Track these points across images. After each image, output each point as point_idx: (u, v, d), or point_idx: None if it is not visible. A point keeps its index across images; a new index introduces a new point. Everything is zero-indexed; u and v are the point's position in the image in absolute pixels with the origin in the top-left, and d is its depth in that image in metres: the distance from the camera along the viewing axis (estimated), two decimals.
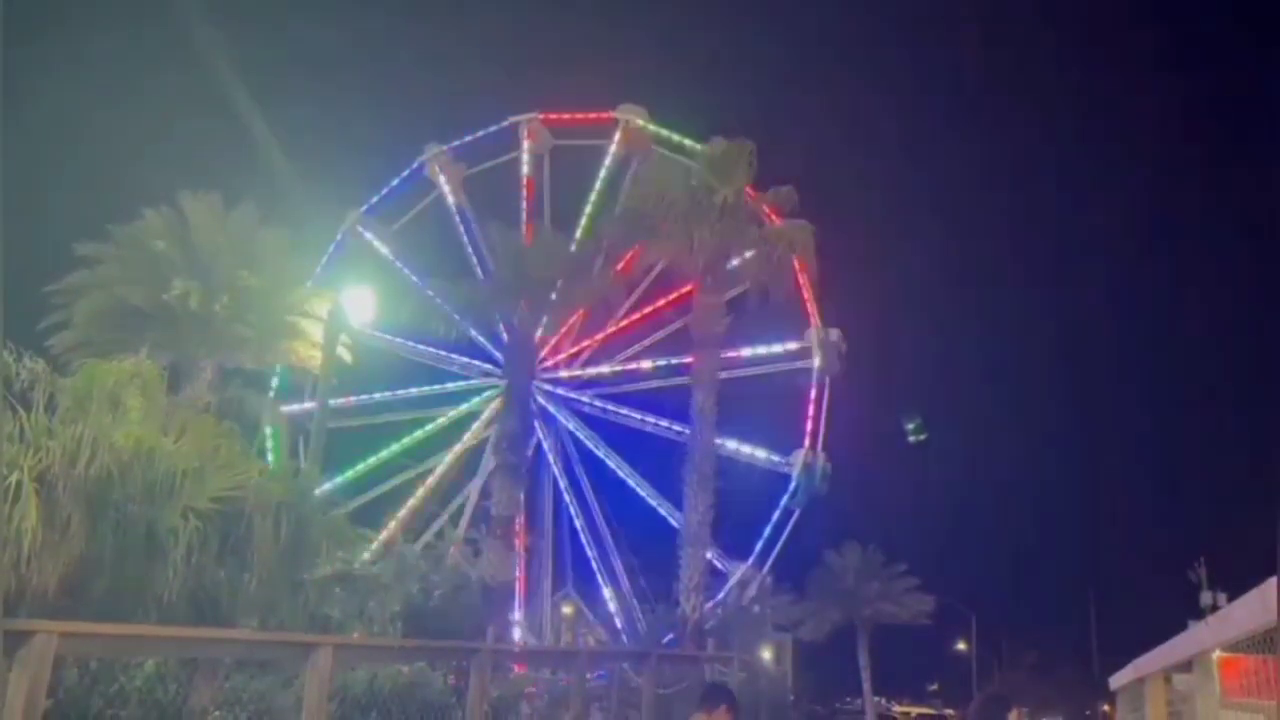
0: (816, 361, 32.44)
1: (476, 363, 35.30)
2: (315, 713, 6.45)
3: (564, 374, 35.90)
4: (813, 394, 32.39)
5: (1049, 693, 46.50)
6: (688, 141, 34.86)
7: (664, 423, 33.25)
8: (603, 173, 36.84)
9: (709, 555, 30.46)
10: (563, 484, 35.54)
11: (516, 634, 28.50)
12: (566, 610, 35.69)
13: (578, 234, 32.48)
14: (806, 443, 31.91)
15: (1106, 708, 41.03)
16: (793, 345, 32.84)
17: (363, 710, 9.35)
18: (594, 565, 34.47)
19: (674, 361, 33.21)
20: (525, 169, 37.32)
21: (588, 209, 36.40)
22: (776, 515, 31.76)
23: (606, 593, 33.20)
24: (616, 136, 36.79)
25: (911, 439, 40.15)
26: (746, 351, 32.54)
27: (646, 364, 35.05)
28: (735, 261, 24.26)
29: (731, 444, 31.55)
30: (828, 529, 40.04)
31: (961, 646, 55.81)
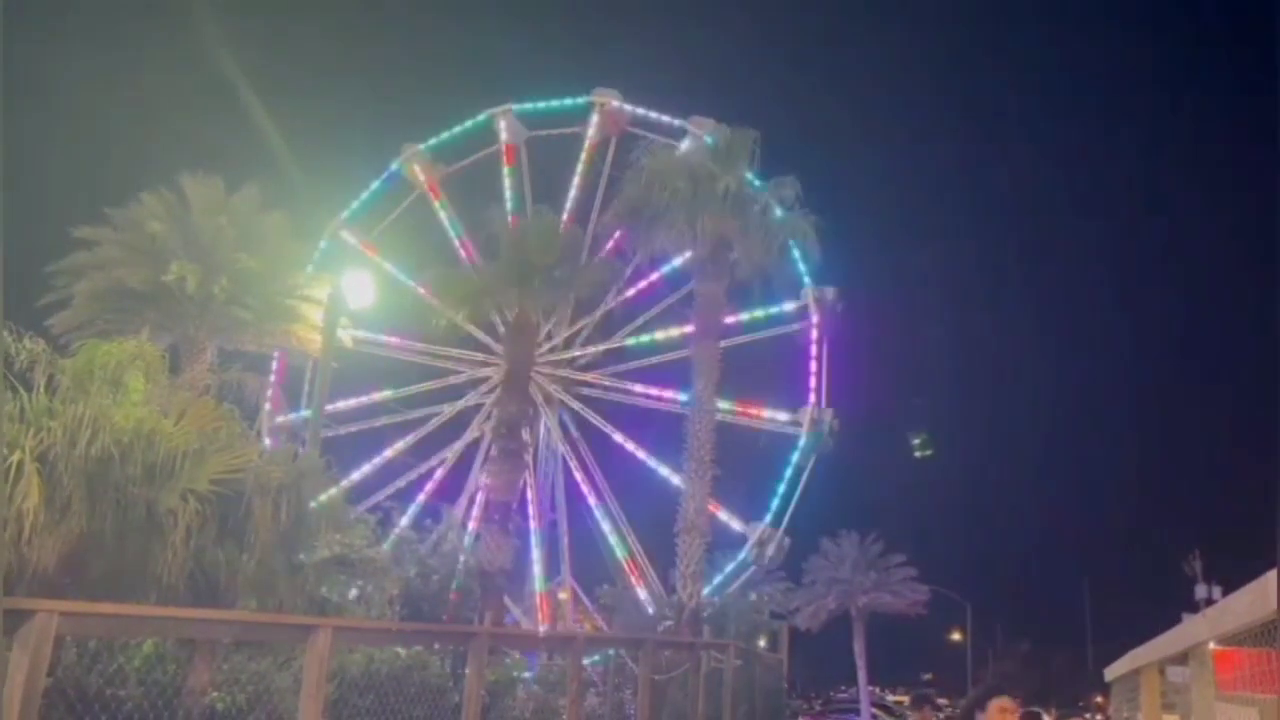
0: (814, 318, 32.49)
1: (472, 354, 35.23)
2: (314, 694, 6.48)
3: (564, 355, 35.89)
4: (813, 351, 32.47)
5: (1043, 683, 46.74)
6: (665, 118, 34.88)
7: (668, 394, 33.21)
8: (582, 156, 36.83)
9: (724, 518, 30.59)
10: (572, 463, 35.52)
11: (513, 619, 28.56)
12: (563, 596, 35.72)
13: (564, 218, 32.44)
14: (811, 399, 31.97)
15: (1100, 699, 41.26)
16: (789, 306, 32.84)
17: (360, 692, 9.39)
18: (598, 549, 34.52)
19: (674, 333, 33.20)
20: (503, 161, 37.32)
21: (571, 192, 36.42)
22: (789, 473, 31.75)
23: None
24: (593, 120, 36.78)
25: (918, 454, 39.14)
26: (744, 316, 32.43)
27: (646, 338, 34.98)
28: (735, 254, 24.14)
29: (736, 407, 31.57)
30: (825, 518, 40.05)
31: (956, 636, 56.07)
